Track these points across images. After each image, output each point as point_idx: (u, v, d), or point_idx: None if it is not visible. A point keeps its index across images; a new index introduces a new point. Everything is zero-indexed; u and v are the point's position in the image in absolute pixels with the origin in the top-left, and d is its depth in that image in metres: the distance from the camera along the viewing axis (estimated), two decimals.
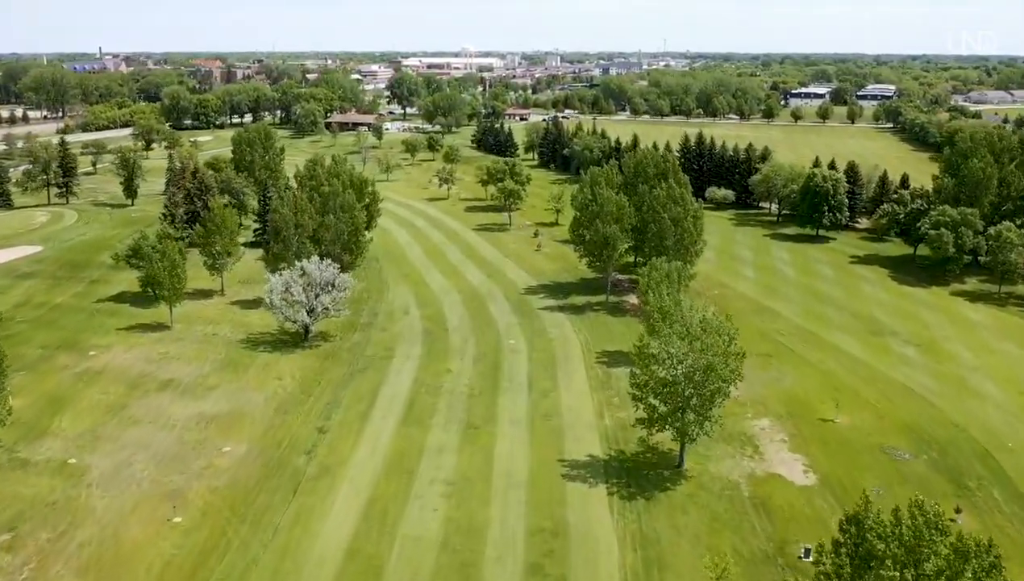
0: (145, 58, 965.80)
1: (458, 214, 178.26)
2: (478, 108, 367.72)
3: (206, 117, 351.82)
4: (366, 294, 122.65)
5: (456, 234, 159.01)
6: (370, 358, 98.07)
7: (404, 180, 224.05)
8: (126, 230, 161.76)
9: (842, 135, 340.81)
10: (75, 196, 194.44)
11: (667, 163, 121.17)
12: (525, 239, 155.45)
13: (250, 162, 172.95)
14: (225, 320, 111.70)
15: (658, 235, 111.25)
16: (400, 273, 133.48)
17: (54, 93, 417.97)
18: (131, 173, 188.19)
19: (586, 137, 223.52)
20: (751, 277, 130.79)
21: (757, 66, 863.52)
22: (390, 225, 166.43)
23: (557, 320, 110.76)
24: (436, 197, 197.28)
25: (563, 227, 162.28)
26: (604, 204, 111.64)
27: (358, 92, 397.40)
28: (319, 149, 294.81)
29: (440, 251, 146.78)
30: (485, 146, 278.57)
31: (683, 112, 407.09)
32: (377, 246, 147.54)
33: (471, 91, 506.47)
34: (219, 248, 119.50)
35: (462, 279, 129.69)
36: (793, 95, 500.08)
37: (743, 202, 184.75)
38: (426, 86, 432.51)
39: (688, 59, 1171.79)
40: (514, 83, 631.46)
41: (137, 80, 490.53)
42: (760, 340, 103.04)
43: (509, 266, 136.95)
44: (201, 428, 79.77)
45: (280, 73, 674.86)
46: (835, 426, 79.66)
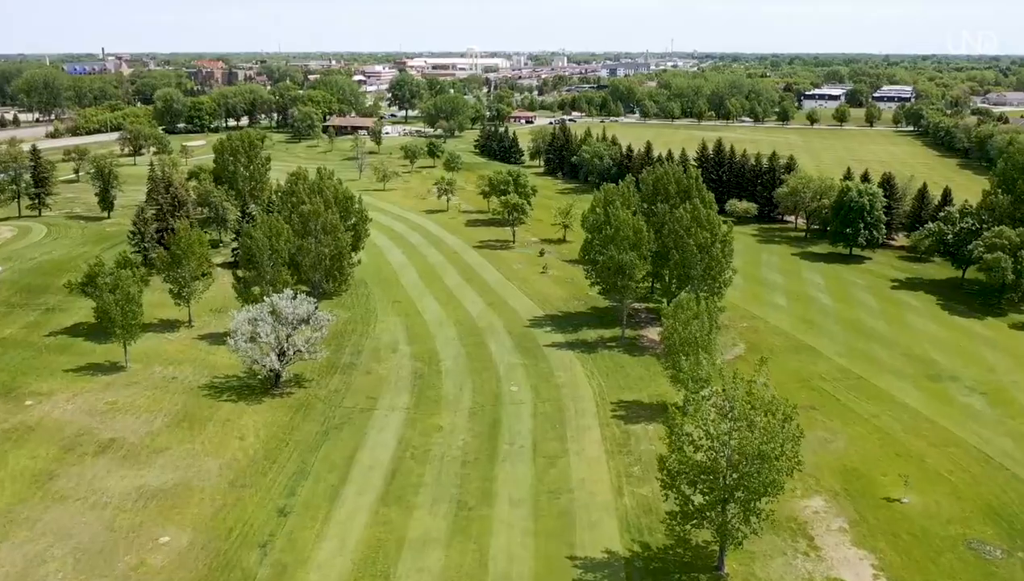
0: (148, 59, 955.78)
1: (458, 229, 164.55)
2: (482, 111, 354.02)
3: (200, 120, 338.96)
4: (351, 326, 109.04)
5: (455, 253, 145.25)
6: (349, 410, 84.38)
7: (402, 189, 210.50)
8: (96, 247, 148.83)
9: (862, 139, 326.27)
10: (48, 208, 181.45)
11: (690, 179, 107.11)
12: (530, 259, 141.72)
13: (233, 173, 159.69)
14: (188, 359, 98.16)
15: (682, 263, 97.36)
16: (391, 300, 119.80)
17: (46, 95, 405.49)
18: (107, 183, 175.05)
19: (595, 144, 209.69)
20: (783, 306, 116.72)
21: (766, 66, 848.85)
22: (383, 242, 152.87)
23: (565, 360, 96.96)
24: (435, 209, 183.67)
25: (572, 244, 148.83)
26: (619, 227, 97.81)
27: (358, 94, 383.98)
28: (315, 154, 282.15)
29: (436, 274, 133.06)
30: (488, 152, 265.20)
31: (694, 115, 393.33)
32: (367, 267, 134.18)
33: (475, 92, 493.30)
34: (186, 275, 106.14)
35: (460, 308, 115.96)
36: (807, 96, 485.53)
37: (766, 216, 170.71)
38: (429, 88, 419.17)
39: (695, 59, 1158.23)
40: (520, 84, 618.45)
41: (133, 82, 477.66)
42: (801, 387, 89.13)
43: (512, 292, 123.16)
44: (139, 508, 66.18)
45: (281, 74, 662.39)
46: (905, 509, 65.66)
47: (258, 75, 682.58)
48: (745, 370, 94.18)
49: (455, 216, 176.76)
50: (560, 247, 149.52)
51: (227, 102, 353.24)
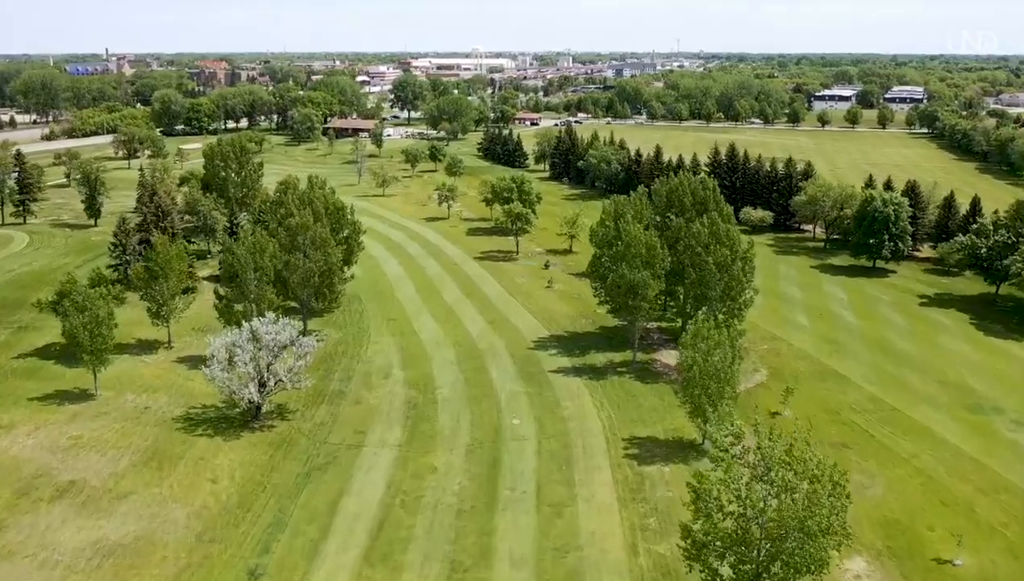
0: (151, 59, 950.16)
1: (459, 238, 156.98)
2: (486, 113, 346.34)
3: (199, 122, 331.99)
4: (342, 347, 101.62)
5: (455, 265, 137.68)
6: (334, 447, 76.92)
7: (402, 195, 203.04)
8: (79, 258, 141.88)
9: (875, 142, 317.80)
10: (33, 215, 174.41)
11: (707, 191, 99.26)
12: (535, 271, 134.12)
13: (223, 180, 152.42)
14: (165, 385, 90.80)
15: (699, 283, 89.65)
16: (386, 317, 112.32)
17: (44, 97, 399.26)
18: (93, 189, 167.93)
19: (603, 148, 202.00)
20: (806, 325, 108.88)
21: (773, 66, 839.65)
22: (380, 253, 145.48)
23: (572, 388, 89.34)
24: (436, 216, 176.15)
25: (578, 256, 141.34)
26: (631, 243, 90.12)
27: (360, 95, 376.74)
28: (315, 157, 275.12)
29: (435, 287, 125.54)
30: (492, 155, 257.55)
31: (703, 116, 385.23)
32: (362, 281, 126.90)
33: (480, 93, 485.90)
34: (165, 293, 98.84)
35: (459, 327, 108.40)
36: (817, 98, 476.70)
37: (782, 224, 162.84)
38: (432, 89, 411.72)
39: (701, 59, 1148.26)
40: (525, 84, 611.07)
41: (133, 83, 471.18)
42: (830, 421, 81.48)
43: (515, 308, 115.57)
44: (92, 568, 58.80)
45: (284, 75, 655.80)
46: (958, 574, 57.95)
47: (261, 76, 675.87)
48: (769, 400, 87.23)
49: (456, 224, 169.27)
50: (566, 259, 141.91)
51: (226, 104, 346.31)
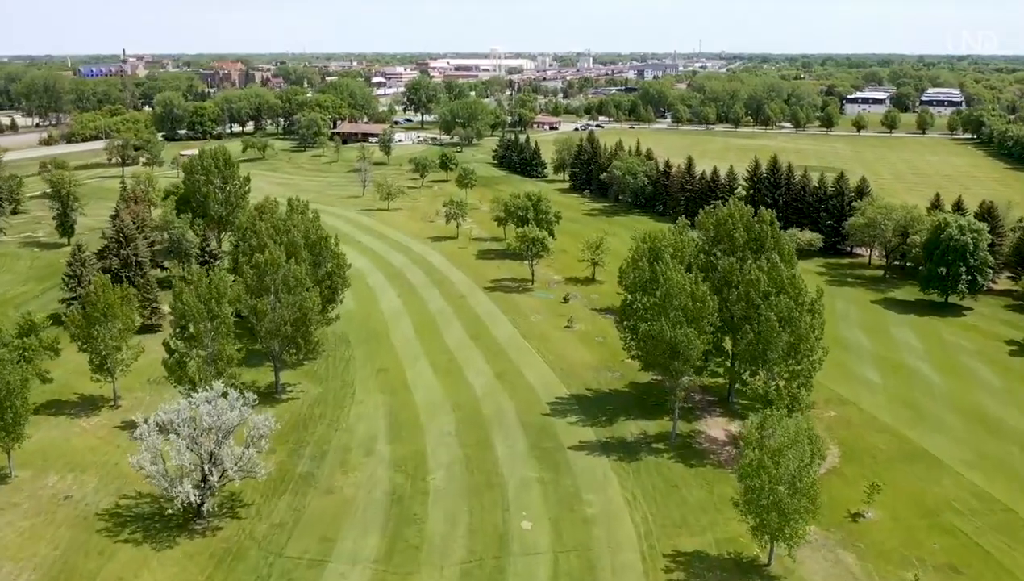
0: (167, 60, 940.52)
1: (467, 262, 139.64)
2: (502, 117, 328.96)
3: (202, 126, 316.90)
4: (319, 409, 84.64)
5: (461, 298, 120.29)
6: (292, 564, 59.76)
7: (408, 209, 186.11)
8: (40, 286, 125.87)
9: (917, 148, 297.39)
10: (3, 233, 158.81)
11: (763, 225, 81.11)
12: (552, 306, 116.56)
13: (204, 197, 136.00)
14: (97, 462, 74.17)
15: (758, 341, 71.74)
16: (376, 367, 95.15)
17: (47, 99, 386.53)
18: (65, 205, 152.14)
19: (628, 158, 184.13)
20: (877, 383, 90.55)
21: (798, 67, 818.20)
22: (378, 281, 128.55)
23: (598, 473, 71.72)
24: (443, 235, 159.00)
25: (602, 286, 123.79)
26: (673, 293, 72.42)
27: (370, 98, 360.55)
28: (319, 165, 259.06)
29: (437, 327, 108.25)
30: (508, 164, 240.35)
31: (730, 120, 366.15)
32: (354, 316, 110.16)
33: (497, 95, 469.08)
34: (107, 343, 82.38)
35: (461, 382, 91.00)
36: (849, 100, 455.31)
37: (832, 248, 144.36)
38: (447, 91, 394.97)
39: (723, 60, 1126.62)
40: (544, 86, 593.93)
41: (140, 85, 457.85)
42: (929, 528, 63.45)
43: (528, 356, 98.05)
44: None
45: (298, 76, 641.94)
46: None
47: (274, 77, 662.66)
48: (845, 493, 68.63)
49: (465, 245, 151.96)
50: (588, 289, 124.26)
51: (231, 107, 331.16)
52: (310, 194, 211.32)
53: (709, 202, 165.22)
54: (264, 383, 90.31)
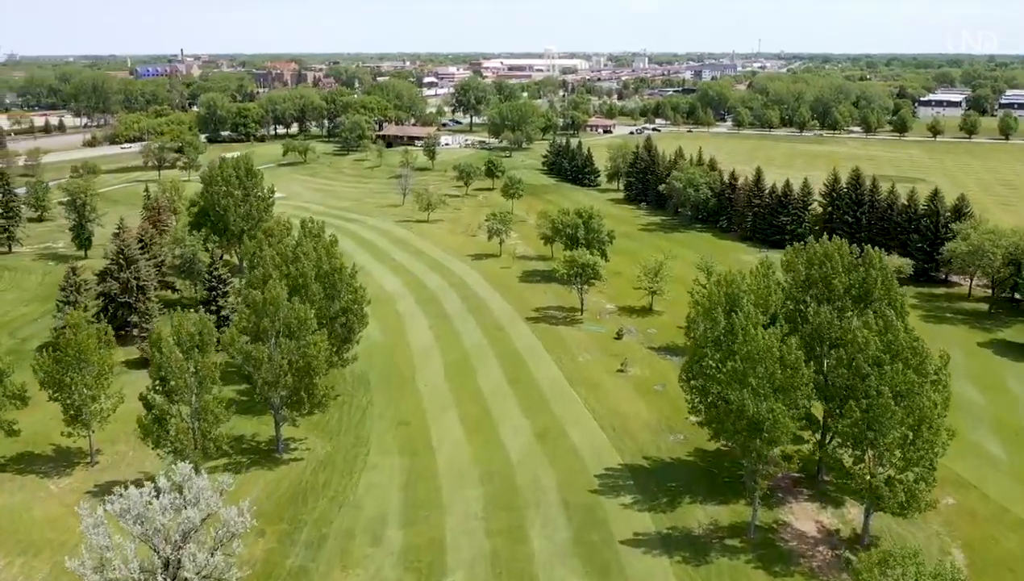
0: (223, 60, 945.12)
1: (509, 286, 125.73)
2: (554, 120, 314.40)
3: (245, 128, 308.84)
4: (324, 475, 71.55)
5: (500, 330, 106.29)
6: None
7: (450, 221, 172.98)
8: (43, 307, 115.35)
9: (1002, 156, 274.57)
10: (19, 243, 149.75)
11: (871, 269, 65.21)
12: (604, 343, 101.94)
13: (223, 211, 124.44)
14: (54, 543, 62.07)
15: (865, 421, 56.24)
16: (396, 420, 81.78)
17: (95, 100, 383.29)
18: (82, 216, 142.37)
19: (689, 169, 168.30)
20: (1001, 457, 74.10)
21: (861, 68, 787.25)
22: (409, 307, 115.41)
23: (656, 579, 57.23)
24: (485, 253, 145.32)
25: (662, 317, 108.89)
26: (757, 356, 57.43)
27: (417, 99, 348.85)
28: (362, 170, 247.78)
29: (470, 367, 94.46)
30: (558, 171, 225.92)
31: (795, 123, 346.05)
32: (379, 350, 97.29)
33: (550, 96, 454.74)
34: (82, 392, 70.46)
35: (494, 441, 77.09)
36: (922, 103, 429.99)
37: (923, 274, 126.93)
38: (497, 92, 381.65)
39: (783, 60, 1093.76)
40: (598, 87, 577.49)
41: (189, 85, 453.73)
42: None
43: (574, 409, 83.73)
44: None
45: (350, 76, 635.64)
46: None
47: (325, 77, 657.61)
48: None
49: (508, 264, 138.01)
50: (645, 322, 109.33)
51: (275, 108, 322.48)
52: (348, 202, 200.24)
53: (779, 218, 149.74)
54: (265, 437, 77.75)
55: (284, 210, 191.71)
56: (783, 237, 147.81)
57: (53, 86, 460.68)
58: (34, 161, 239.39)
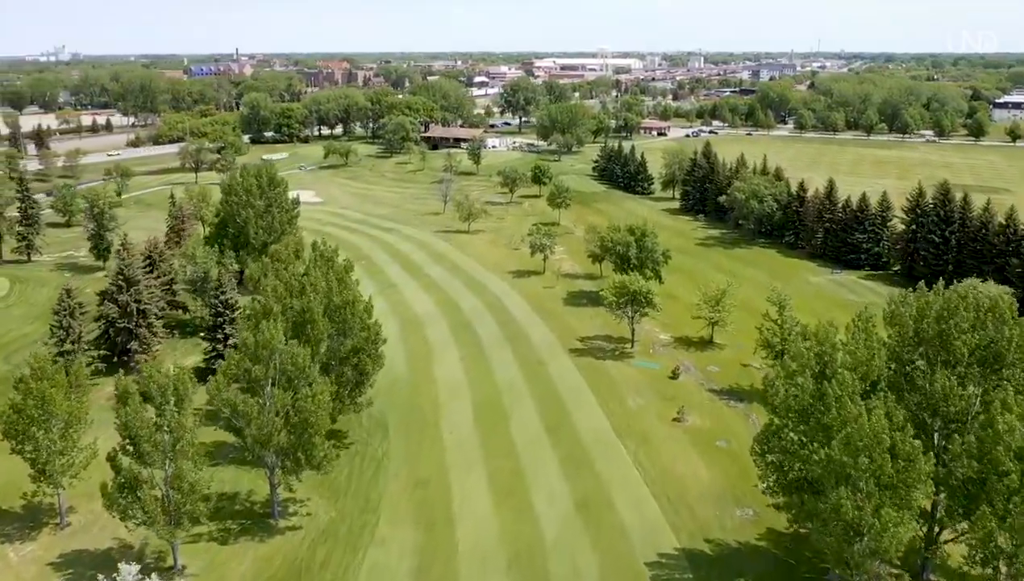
0: (275, 59, 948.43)
1: (552, 310, 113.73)
2: (605, 122, 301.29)
3: (288, 129, 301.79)
4: (323, 549, 60.46)
5: (540, 364, 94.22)
6: None
7: (492, 232, 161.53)
8: (47, 326, 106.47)
9: None
10: (38, 252, 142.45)
11: (1007, 327, 51.44)
12: (657, 382, 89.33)
13: (243, 223, 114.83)
14: None
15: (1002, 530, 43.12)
16: (413, 478, 70.34)
17: (142, 99, 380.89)
18: (100, 225, 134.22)
19: (753, 179, 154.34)
20: None
21: (927, 67, 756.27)
22: (438, 334, 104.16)
23: None
24: (528, 269, 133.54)
25: (723, 352, 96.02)
26: (860, 443, 44.63)
27: (463, 100, 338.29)
28: (404, 173, 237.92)
29: (503, 411, 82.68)
30: (609, 177, 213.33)
31: (861, 126, 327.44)
32: (400, 388, 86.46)
33: (603, 97, 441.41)
34: (49, 447, 60.53)
35: (526, 513, 64.90)
36: (997, 105, 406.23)
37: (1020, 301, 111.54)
38: (547, 92, 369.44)
39: (843, 59, 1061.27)
40: (653, 87, 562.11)
41: (237, 84, 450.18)
42: None
43: (623, 468, 71.35)
44: None
45: (399, 76, 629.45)
46: None
47: (375, 76, 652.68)
48: None
49: (552, 283, 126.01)
50: (705, 357, 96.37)
51: (319, 109, 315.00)
52: (387, 208, 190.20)
53: (853, 236, 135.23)
54: (261, 496, 67.08)
55: (319, 217, 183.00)
56: (858, 256, 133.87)
57: (105, 85, 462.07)
58: (72, 162, 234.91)
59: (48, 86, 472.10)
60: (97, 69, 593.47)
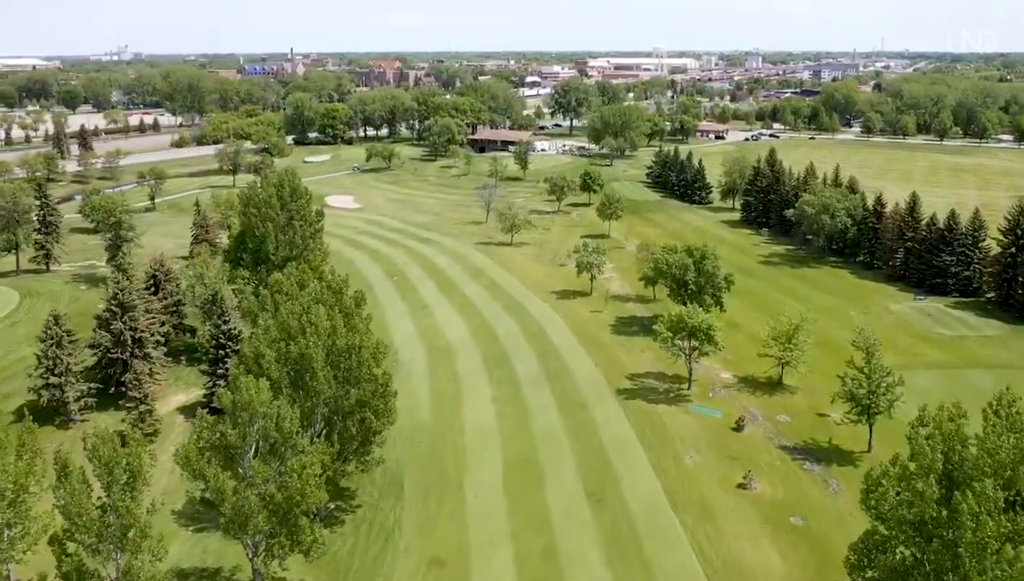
0: (328, 58, 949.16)
1: (599, 340, 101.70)
2: (660, 125, 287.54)
3: (333, 130, 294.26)
4: None
5: (583, 409, 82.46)
6: None
7: (536, 245, 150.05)
8: None
9: None
10: (56, 261, 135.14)
11: None
12: (718, 434, 76.92)
13: (261, 237, 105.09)
14: None
15: None
16: (426, 556, 59.24)
17: (190, 98, 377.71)
18: (117, 234, 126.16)
19: (824, 191, 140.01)
20: None
21: (997, 67, 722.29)
22: (470, 365, 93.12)
23: None
24: (573, 289, 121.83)
25: (794, 397, 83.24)
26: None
27: (512, 101, 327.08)
28: (447, 178, 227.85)
29: (539, 470, 71.06)
30: (664, 184, 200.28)
31: (935, 131, 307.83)
32: (422, 436, 75.81)
33: (657, 98, 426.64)
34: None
35: None
36: None
37: None
38: (600, 93, 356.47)
39: (907, 59, 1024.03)
40: (709, 87, 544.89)
41: (285, 84, 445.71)
42: None
43: (679, 552, 59.32)
44: None
45: (450, 75, 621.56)
46: None
47: (426, 76, 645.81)
48: None
49: (599, 307, 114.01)
50: (773, 402, 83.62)
51: (364, 109, 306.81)
52: (427, 216, 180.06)
53: (940, 257, 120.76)
54: (248, 575, 56.69)
55: (356, 224, 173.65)
56: (944, 281, 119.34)
57: (157, 85, 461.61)
58: (111, 163, 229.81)
59: (101, 86, 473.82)
60: (152, 68, 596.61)
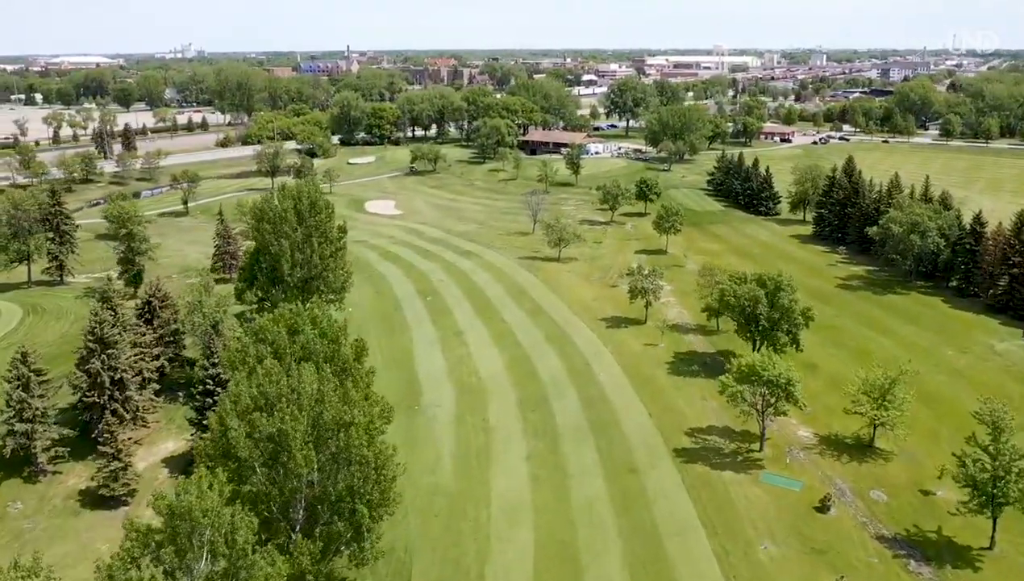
0: (383, 56, 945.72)
1: (654, 380, 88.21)
2: (722, 127, 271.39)
3: (379, 130, 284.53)
4: None
5: (633, 474, 69.21)
6: None
7: (586, 260, 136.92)
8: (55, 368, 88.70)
9: None
10: (70, 273, 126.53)
11: None
12: (796, 515, 63.10)
13: (276, 257, 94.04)
14: None
15: None
16: None
17: (239, 97, 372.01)
18: (129, 247, 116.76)
19: (913, 207, 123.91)
20: None
21: None
22: (503, 411, 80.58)
23: None
24: (626, 315, 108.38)
25: (889, 465, 69.01)
26: None
27: (565, 100, 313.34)
28: (494, 182, 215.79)
29: (578, 562, 58.01)
30: (727, 193, 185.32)
31: (1021, 134, 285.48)
32: (441, 503, 63.92)
33: (718, 97, 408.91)
34: None
35: None
36: None
37: None
38: (658, 93, 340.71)
39: (980, 57, 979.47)
40: (772, 87, 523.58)
41: (335, 82, 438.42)
42: None
43: None
44: None
45: (505, 73, 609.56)
46: None
47: (480, 74, 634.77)
48: None
49: (654, 339, 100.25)
50: (864, 472, 69.25)
51: (412, 109, 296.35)
52: (471, 225, 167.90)
53: None
54: None
55: (394, 233, 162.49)
56: None
57: (209, 83, 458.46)
58: (150, 164, 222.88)
59: (155, 83, 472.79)
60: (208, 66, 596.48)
